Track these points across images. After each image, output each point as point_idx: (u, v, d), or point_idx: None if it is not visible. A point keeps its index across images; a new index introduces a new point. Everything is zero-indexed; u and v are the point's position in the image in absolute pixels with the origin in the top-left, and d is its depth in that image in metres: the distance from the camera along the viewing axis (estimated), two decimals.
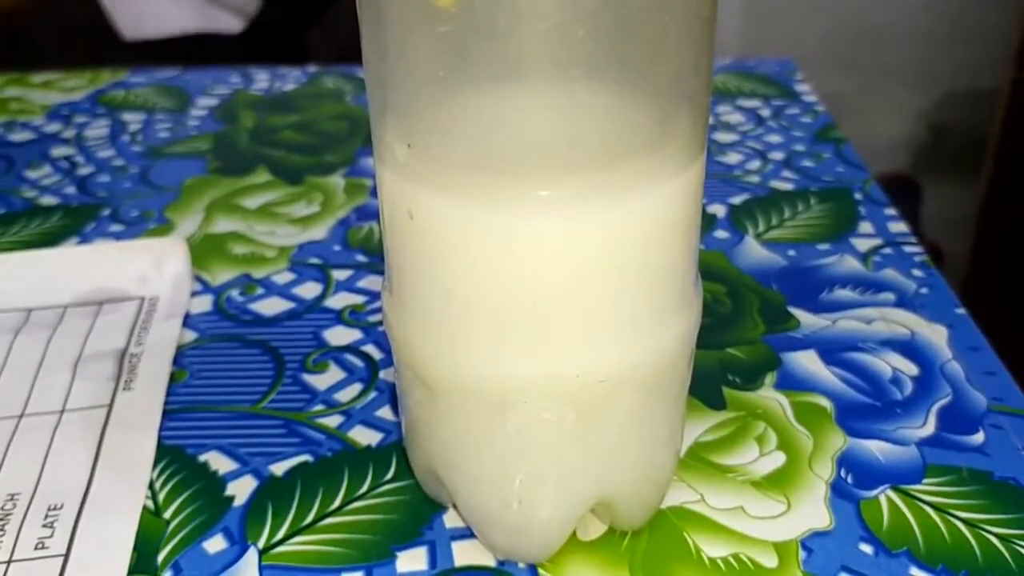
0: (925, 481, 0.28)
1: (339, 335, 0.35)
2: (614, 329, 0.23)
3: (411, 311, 0.24)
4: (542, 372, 0.23)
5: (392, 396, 0.32)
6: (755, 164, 0.47)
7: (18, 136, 0.52)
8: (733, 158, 0.48)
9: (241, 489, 0.28)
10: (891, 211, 0.43)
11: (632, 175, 0.21)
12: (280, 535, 0.26)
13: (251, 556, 0.26)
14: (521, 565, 0.25)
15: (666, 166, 0.22)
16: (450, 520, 0.27)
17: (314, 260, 0.40)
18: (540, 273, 0.22)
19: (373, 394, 0.32)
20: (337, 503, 0.27)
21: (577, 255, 0.21)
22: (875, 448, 0.29)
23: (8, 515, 0.27)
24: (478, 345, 0.23)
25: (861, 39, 1.33)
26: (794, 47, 1.26)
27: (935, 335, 0.34)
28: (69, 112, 0.55)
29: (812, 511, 0.27)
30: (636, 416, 0.24)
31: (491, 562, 0.26)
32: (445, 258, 0.22)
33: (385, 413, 0.31)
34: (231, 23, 0.81)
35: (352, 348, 0.34)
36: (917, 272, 0.38)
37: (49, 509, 0.27)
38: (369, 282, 0.38)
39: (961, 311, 0.35)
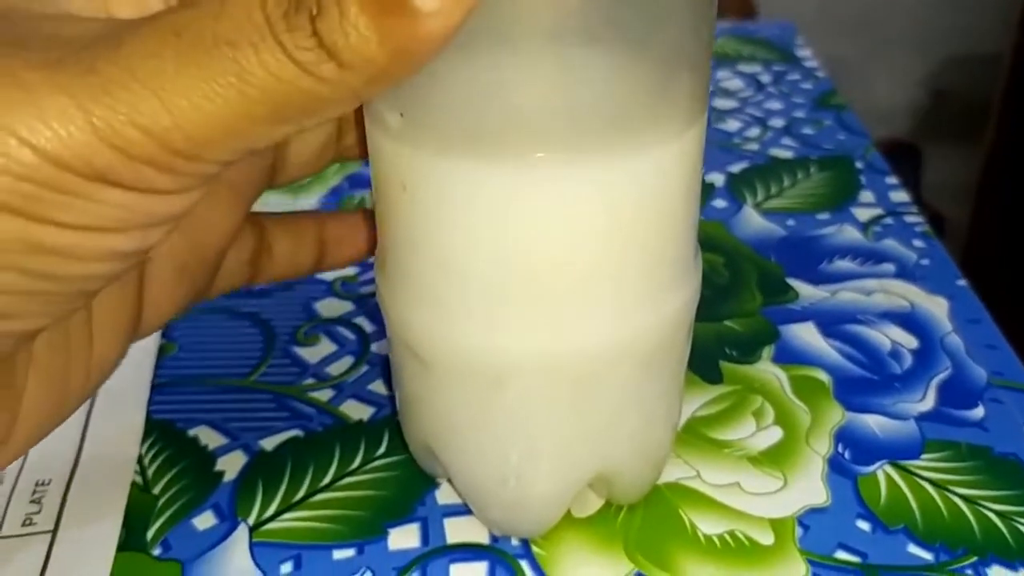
0: (924, 456, 0.28)
1: (331, 307, 0.34)
2: (612, 301, 0.22)
3: (404, 283, 0.23)
4: (538, 345, 0.22)
5: (384, 369, 0.31)
6: (755, 131, 0.46)
7: None
8: (732, 125, 0.47)
9: (231, 464, 0.28)
10: (892, 180, 0.42)
11: (631, 139, 0.21)
12: (271, 511, 0.26)
13: (241, 532, 0.25)
14: (514, 541, 0.25)
15: (666, 129, 0.21)
16: (443, 496, 0.27)
17: None
18: (537, 242, 0.21)
19: (364, 367, 0.31)
20: (328, 479, 0.27)
21: (576, 222, 0.21)
22: (873, 423, 0.29)
23: None
24: (473, 318, 0.22)
25: (863, 2, 1.32)
26: (796, 10, 1.24)
27: (935, 307, 0.34)
28: None
29: (809, 487, 0.27)
30: (634, 390, 0.24)
31: (484, 539, 0.25)
32: (439, 227, 0.21)
33: (377, 387, 0.31)
34: None
35: (344, 320, 0.34)
36: (918, 243, 0.37)
37: (37, 485, 0.27)
38: None
39: (962, 283, 0.35)
